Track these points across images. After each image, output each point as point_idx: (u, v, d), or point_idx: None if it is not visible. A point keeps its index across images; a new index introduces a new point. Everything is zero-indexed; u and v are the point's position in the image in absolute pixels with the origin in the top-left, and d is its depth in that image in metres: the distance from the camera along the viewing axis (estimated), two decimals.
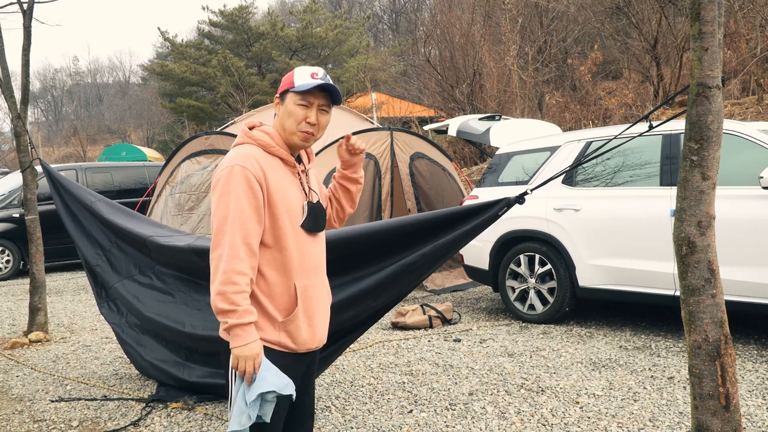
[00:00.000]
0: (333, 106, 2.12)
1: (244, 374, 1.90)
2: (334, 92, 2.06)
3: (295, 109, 2.03)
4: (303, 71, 2.05)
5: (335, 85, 2.05)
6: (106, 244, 4.51)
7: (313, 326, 2.08)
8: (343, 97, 2.12)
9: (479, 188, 6.39)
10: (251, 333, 1.91)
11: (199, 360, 4.01)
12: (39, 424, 3.77)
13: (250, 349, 1.89)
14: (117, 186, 11.10)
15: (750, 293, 4.48)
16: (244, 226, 1.91)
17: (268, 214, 1.97)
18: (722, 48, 2.45)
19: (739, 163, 4.62)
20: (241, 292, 1.89)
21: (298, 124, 2.03)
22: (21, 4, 5.91)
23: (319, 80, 2.02)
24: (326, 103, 2.07)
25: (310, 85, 2.00)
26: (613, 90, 16.11)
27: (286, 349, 2.02)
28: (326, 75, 2.06)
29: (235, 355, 1.90)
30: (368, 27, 36.57)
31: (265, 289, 2.00)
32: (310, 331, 2.06)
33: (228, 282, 1.88)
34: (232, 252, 1.89)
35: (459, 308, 6.52)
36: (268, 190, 1.97)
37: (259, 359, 1.91)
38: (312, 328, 2.07)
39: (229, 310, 1.88)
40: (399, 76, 24.75)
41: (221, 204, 1.93)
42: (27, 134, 5.86)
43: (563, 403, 3.73)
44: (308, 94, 2.02)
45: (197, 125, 26.27)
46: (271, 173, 1.99)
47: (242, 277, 1.90)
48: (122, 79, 61.61)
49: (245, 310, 1.90)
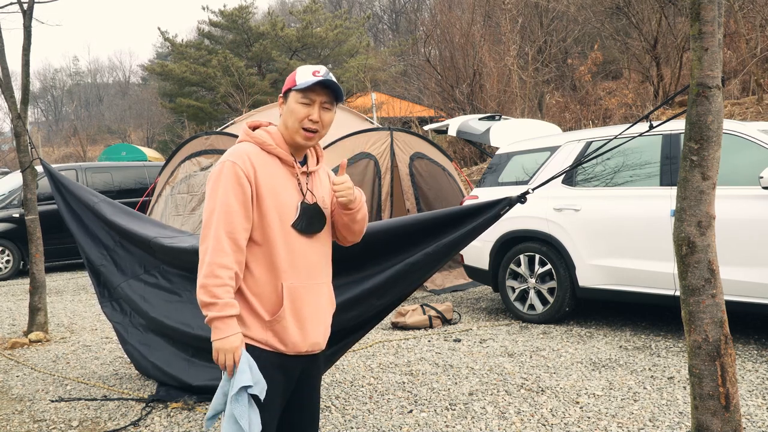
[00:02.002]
0: (336, 104, 2.09)
1: (224, 367, 1.93)
2: (336, 89, 2.04)
3: (297, 107, 2.02)
4: (305, 69, 2.04)
5: (337, 82, 2.04)
6: (110, 243, 4.51)
7: (305, 329, 2.04)
8: (344, 96, 2.10)
9: (479, 188, 6.39)
10: (231, 326, 1.92)
11: (205, 357, 4.01)
12: (39, 424, 3.77)
13: (230, 342, 1.91)
14: (117, 186, 11.10)
15: (750, 293, 4.48)
16: (230, 220, 1.93)
17: (257, 210, 1.98)
18: (722, 48, 2.45)
19: (739, 163, 4.62)
20: (223, 285, 1.91)
21: (300, 121, 2.02)
22: (21, 4, 5.91)
23: (321, 77, 2.00)
24: (328, 100, 2.05)
25: (310, 81, 2.00)
26: (613, 90, 16.11)
27: (272, 348, 2.01)
28: (329, 73, 2.05)
29: (215, 347, 1.92)
30: (368, 27, 36.57)
31: (253, 286, 2.00)
32: (300, 334, 2.03)
33: (210, 275, 1.91)
34: (216, 245, 1.92)
35: (459, 308, 6.52)
36: (257, 186, 1.97)
37: (239, 353, 1.92)
38: (303, 331, 2.04)
39: (210, 302, 1.91)
40: (399, 76, 24.76)
41: (210, 198, 1.98)
42: (27, 134, 5.86)
43: (563, 403, 3.73)
44: (310, 91, 2.01)
45: (197, 125, 26.26)
46: (264, 170, 2.00)
47: (225, 270, 1.91)
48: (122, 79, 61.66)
49: (226, 303, 1.91)
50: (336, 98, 2.07)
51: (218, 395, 1.99)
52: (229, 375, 1.93)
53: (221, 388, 1.98)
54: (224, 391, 1.97)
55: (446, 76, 17.27)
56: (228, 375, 1.94)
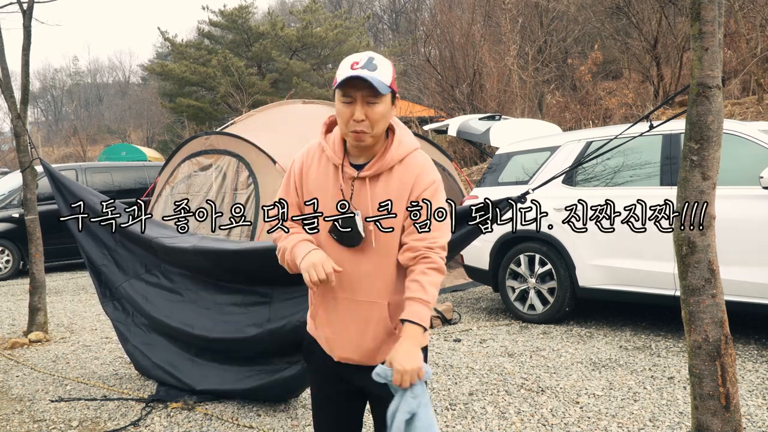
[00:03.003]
0: (384, 95, 1.80)
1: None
2: (373, 81, 1.75)
3: (340, 107, 1.82)
4: (347, 61, 1.81)
5: (369, 73, 1.76)
6: (111, 243, 4.51)
7: (333, 341, 1.95)
8: (386, 85, 1.77)
9: (479, 188, 6.39)
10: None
11: (208, 357, 4.02)
12: (39, 424, 3.77)
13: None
14: (117, 186, 11.09)
15: (750, 293, 4.48)
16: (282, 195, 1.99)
17: (301, 205, 1.96)
18: (722, 48, 2.45)
19: (739, 163, 4.62)
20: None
21: (345, 124, 1.81)
22: (21, 4, 5.90)
23: (357, 70, 1.76)
24: (372, 93, 1.77)
25: (344, 76, 1.77)
26: (613, 90, 16.10)
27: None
28: (371, 60, 1.79)
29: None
30: (368, 27, 36.56)
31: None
32: (329, 343, 1.97)
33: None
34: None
35: (459, 308, 6.52)
36: (301, 183, 1.95)
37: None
38: (330, 343, 1.96)
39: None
40: (399, 76, 24.73)
41: None
42: (27, 134, 5.86)
43: (563, 403, 3.73)
44: (348, 87, 1.78)
45: (197, 125, 26.25)
46: (314, 169, 1.93)
47: (279, 232, 1.99)
48: (122, 79, 61.65)
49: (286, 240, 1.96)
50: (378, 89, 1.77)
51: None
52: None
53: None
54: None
55: (446, 76, 17.26)
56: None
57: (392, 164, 1.85)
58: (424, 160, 1.90)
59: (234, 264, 3.88)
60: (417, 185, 1.85)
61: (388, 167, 1.85)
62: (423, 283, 1.80)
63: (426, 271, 1.82)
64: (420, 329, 1.78)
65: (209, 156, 7.68)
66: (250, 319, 3.75)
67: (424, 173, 1.86)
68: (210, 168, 7.57)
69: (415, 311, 1.79)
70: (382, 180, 1.85)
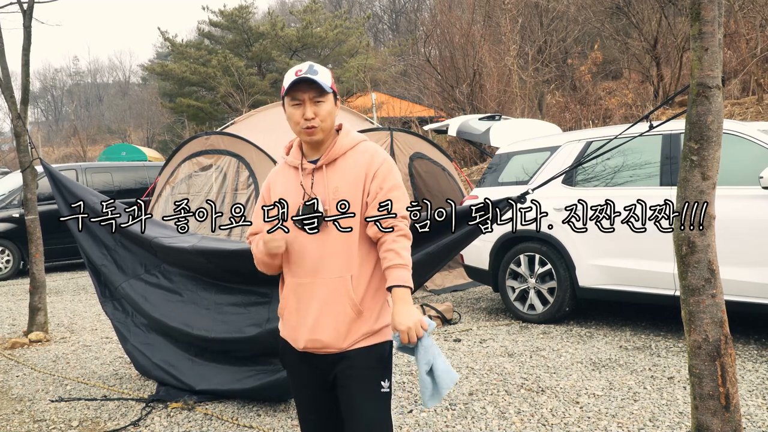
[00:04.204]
0: (328, 94, 2.04)
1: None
2: (318, 80, 2.00)
3: (291, 111, 2.06)
4: (290, 72, 2.05)
5: (312, 76, 2.00)
6: (111, 243, 4.51)
7: (306, 326, 2.07)
8: (342, 96, 2.03)
9: (479, 188, 6.39)
10: None
11: (208, 357, 4.02)
12: (39, 424, 3.77)
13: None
14: (117, 186, 11.10)
15: (750, 293, 4.48)
16: (257, 222, 2.20)
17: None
18: (722, 48, 2.45)
19: (739, 163, 4.62)
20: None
21: (297, 124, 2.05)
22: (21, 4, 5.91)
23: (301, 75, 2.00)
24: (317, 94, 2.03)
25: (289, 81, 2.02)
26: (613, 90, 16.11)
27: (291, 342, 2.17)
28: (312, 67, 2.03)
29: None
30: (368, 27, 36.57)
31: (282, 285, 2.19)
32: (299, 330, 2.09)
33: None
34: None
35: (459, 308, 6.52)
36: (270, 197, 2.16)
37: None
38: (304, 328, 2.08)
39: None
40: (399, 76, 24.73)
41: None
42: (27, 134, 5.86)
43: (563, 403, 3.73)
44: (295, 91, 2.02)
45: (197, 125, 26.26)
46: (279, 181, 2.16)
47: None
48: (122, 79, 61.67)
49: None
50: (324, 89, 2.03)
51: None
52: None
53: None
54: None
55: (446, 76, 17.26)
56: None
57: (344, 150, 2.08)
58: (374, 145, 2.14)
59: (234, 264, 3.88)
60: (371, 164, 2.06)
61: (341, 153, 2.08)
62: (397, 250, 1.98)
63: (396, 239, 2.00)
64: (407, 290, 1.95)
65: (209, 156, 7.68)
66: (250, 319, 3.75)
67: (376, 154, 2.09)
68: (210, 168, 7.58)
69: (399, 276, 1.95)
70: (337, 166, 2.07)
